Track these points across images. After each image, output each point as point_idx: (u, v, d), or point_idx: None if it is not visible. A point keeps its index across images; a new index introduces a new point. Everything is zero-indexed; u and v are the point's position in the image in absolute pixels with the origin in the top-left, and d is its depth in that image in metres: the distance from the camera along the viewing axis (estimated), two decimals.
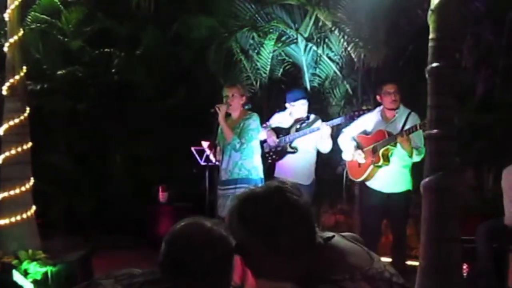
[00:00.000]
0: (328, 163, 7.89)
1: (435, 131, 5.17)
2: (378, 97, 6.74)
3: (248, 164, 6.26)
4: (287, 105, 7.17)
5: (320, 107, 8.49)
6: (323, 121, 7.12)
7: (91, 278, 6.31)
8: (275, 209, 1.97)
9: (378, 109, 6.78)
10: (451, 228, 5.16)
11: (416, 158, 6.38)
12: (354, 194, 7.83)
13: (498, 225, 6.14)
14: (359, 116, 6.86)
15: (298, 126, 7.20)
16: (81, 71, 9.74)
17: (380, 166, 6.53)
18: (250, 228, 1.98)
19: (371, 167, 6.57)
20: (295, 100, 7.16)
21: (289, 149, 7.23)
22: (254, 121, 6.34)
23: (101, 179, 9.95)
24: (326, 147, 7.11)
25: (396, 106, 6.60)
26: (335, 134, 7.36)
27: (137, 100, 9.79)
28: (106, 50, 9.89)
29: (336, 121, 7.13)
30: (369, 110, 6.91)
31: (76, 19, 9.81)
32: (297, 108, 7.17)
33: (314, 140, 7.18)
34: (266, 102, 8.94)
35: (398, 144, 6.42)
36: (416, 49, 7.86)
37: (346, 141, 6.81)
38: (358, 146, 6.73)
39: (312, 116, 7.27)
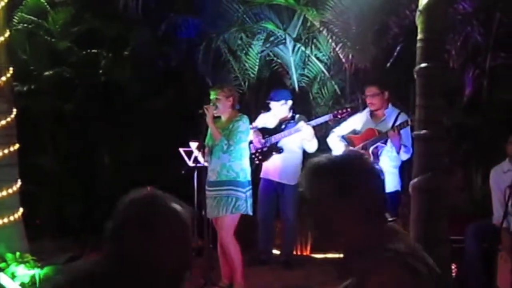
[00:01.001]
0: None
1: (423, 131, 5.19)
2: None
3: (236, 166, 6.22)
4: (270, 105, 7.29)
5: (308, 107, 8.51)
6: (309, 121, 7.17)
7: None
8: (359, 171, 2.13)
9: (367, 109, 6.81)
10: (440, 228, 5.18)
11: (404, 156, 6.40)
12: None
13: (487, 225, 6.15)
14: (342, 114, 6.91)
15: (283, 127, 7.27)
16: (68, 72, 9.68)
17: None
18: (334, 184, 2.08)
19: None
20: (276, 100, 7.26)
21: (275, 150, 7.28)
22: (244, 123, 6.28)
23: (89, 180, 9.89)
24: (311, 147, 7.16)
25: (375, 108, 6.68)
26: (323, 134, 7.40)
27: (125, 101, 9.75)
28: (93, 50, 9.84)
29: (319, 120, 7.19)
30: (352, 109, 6.95)
31: (63, 20, 9.75)
32: (278, 108, 7.26)
33: (299, 140, 7.24)
34: (255, 102, 8.93)
35: (388, 143, 6.44)
36: (405, 49, 7.88)
37: (336, 140, 6.84)
38: (349, 145, 6.75)
39: (297, 116, 7.33)
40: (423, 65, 5.22)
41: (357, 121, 6.88)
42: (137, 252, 1.97)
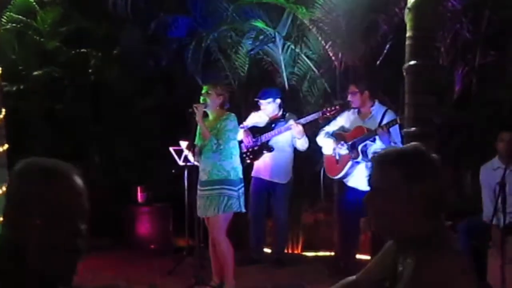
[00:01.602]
0: (307, 162, 7.91)
1: (413, 129, 5.20)
2: None
3: (227, 165, 6.19)
4: (259, 103, 7.34)
5: (298, 105, 8.50)
6: (298, 119, 7.20)
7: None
8: (426, 163, 2.20)
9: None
10: None
11: None
12: (334, 192, 7.84)
13: (477, 222, 6.18)
14: (331, 112, 6.94)
15: (273, 125, 7.31)
16: (57, 72, 9.64)
17: (359, 162, 6.56)
18: (403, 174, 2.14)
19: (350, 163, 6.59)
20: (263, 99, 7.30)
21: (266, 148, 7.30)
22: (231, 121, 6.25)
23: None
24: (302, 145, 7.19)
25: (354, 106, 6.74)
26: (313, 132, 7.41)
27: (115, 100, 9.72)
28: (82, 50, 9.80)
29: (308, 118, 7.21)
30: (341, 106, 6.96)
31: (52, 19, 9.71)
32: (265, 107, 7.31)
33: (290, 138, 7.28)
34: (245, 101, 8.92)
35: (377, 141, 6.46)
36: (394, 47, 7.88)
37: (325, 137, 6.87)
38: (337, 141, 6.78)
39: (287, 115, 7.37)
40: (412, 62, 5.24)
41: (345, 119, 6.92)
42: (15, 231, 1.79)
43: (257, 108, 7.60)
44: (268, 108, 7.41)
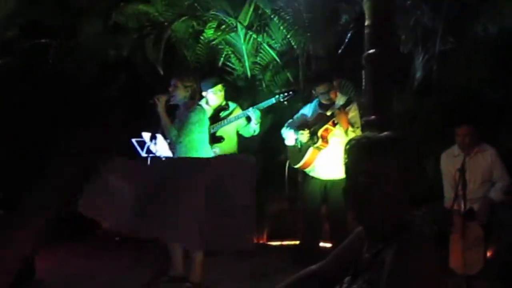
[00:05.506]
0: (271, 151, 7.91)
1: (372, 117, 5.22)
2: None
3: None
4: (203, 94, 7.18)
5: (261, 95, 8.48)
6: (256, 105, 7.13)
7: (33, 272, 6.19)
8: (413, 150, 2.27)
9: (316, 99, 6.83)
10: None
11: (352, 135, 6.41)
12: (298, 181, 7.86)
13: (439, 208, 6.24)
14: (285, 98, 6.90)
15: (220, 115, 7.23)
16: (15, 62, 9.46)
17: (319, 148, 6.55)
18: (402, 161, 2.15)
19: (311, 150, 6.59)
20: (204, 90, 7.19)
21: (215, 139, 7.23)
22: (196, 114, 6.10)
23: (41, 171, 9.71)
24: (255, 130, 7.12)
25: (329, 102, 6.67)
26: (277, 122, 7.38)
27: (75, 91, 9.58)
28: (42, 40, 9.64)
29: (264, 104, 7.11)
30: (294, 92, 6.91)
31: (10, 9, 9.53)
32: (210, 97, 7.20)
33: (234, 127, 7.21)
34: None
35: (337, 126, 6.45)
36: (356, 36, 7.91)
37: (287, 129, 6.87)
38: (297, 130, 6.75)
39: (231, 104, 7.30)
40: (370, 51, 5.25)
41: (307, 110, 6.90)
42: None
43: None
44: (210, 99, 7.26)
